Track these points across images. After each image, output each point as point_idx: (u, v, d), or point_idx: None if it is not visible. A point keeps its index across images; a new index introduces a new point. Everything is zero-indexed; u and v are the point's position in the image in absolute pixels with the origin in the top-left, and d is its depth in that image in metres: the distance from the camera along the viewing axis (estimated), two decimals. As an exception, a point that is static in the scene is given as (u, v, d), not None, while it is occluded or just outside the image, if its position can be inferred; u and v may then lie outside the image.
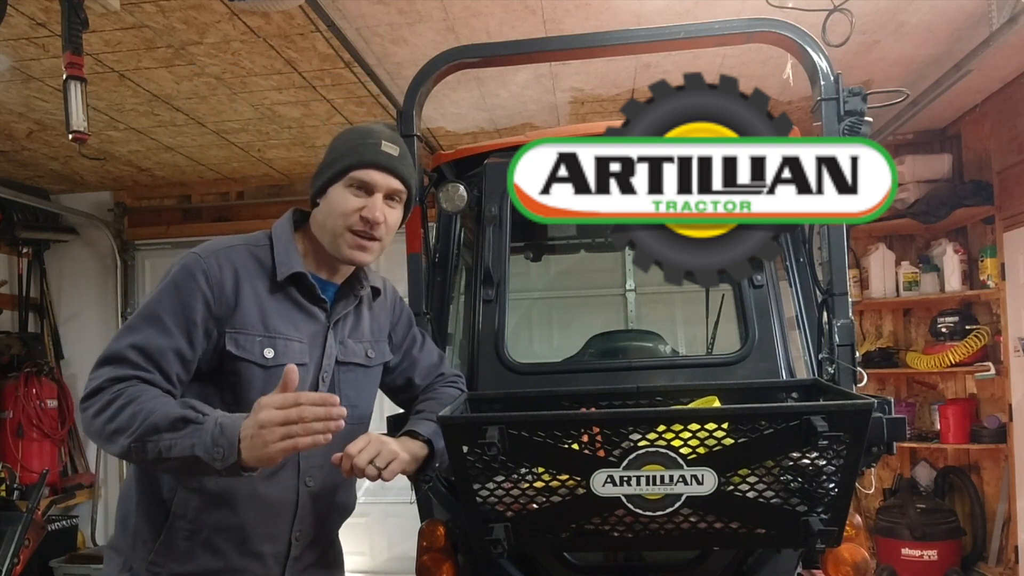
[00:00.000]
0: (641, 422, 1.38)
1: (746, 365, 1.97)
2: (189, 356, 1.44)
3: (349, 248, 1.53)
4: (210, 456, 1.28)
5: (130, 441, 1.32)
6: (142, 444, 1.31)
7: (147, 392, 1.37)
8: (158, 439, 1.30)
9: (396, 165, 1.55)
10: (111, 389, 1.37)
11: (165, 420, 1.31)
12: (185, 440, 1.29)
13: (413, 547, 2.03)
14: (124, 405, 1.34)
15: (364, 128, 1.59)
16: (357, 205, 1.51)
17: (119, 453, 1.36)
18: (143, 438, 1.31)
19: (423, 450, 1.55)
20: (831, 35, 2.88)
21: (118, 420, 1.33)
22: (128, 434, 1.32)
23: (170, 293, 1.45)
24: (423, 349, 1.83)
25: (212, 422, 1.30)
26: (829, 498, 1.40)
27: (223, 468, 1.29)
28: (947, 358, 4.54)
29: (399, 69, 3.68)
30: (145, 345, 1.40)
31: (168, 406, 1.33)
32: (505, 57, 2.17)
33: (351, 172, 1.52)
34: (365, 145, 1.53)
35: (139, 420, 1.31)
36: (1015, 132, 4.18)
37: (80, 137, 2.32)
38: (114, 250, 5.76)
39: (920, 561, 4.44)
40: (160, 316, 1.42)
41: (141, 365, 1.40)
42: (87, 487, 5.50)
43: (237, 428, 1.28)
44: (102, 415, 1.35)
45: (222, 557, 1.48)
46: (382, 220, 1.53)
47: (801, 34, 1.89)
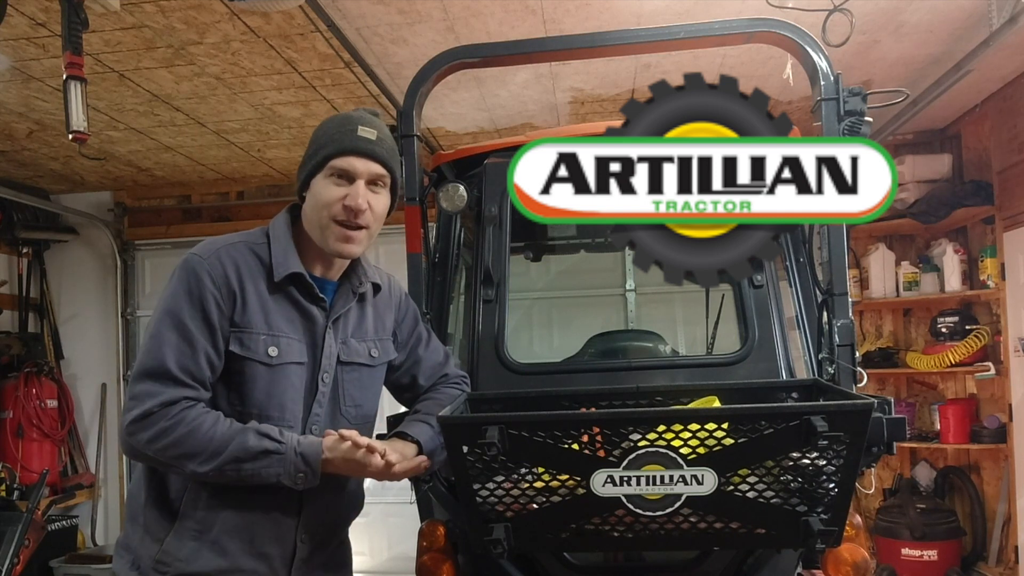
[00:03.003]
0: (641, 422, 1.38)
1: (746, 365, 1.97)
2: (216, 361, 1.46)
3: (336, 241, 1.51)
4: (292, 482, 1.42)
5: (207, 468, 1.38)
6: (220, 472, 1.39)
7: (207, 416, 1.41)
8: (239, 468, 1.39)
9: (375, 149, 1.52)
10: (167, 414, 1.39)
11: (246, 452, 1.39)
12: (269, 470, 1.41)
13: (413, 547, 2.03)
14: (189, 432, 1.39)
15: (341, 116, 1.57)
16: (339, 194, 1.50)
17: (187, 474, 1.43)
18: (223, 467, 1.39)
19: (413, 451, 1.56)
20: (831, 35, 2.88)
21: (184, 447, 1.39)
22: (201, 461, 1.38)
23: (186, 299, 1.45)
24: (428, 347, 1.81)
25: (292, 451, 1.41)
26: (829, 498, 1.40)
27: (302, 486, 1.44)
28: (947, 358, 4.54)
29: (399, 69, 3.68)
30: (181, 357, 1.42)
31: (243, 435, 1.40)
32: (505, 57, 2.17)
33: (330, 161, 1.50)
34: (342, 132, 1.51)
35: (212, 448, 1.39)
36: (1015, 132, 4.18)
37: (80, 137, 2.32)
38: (114, 250, 5.76)
39: (920, 561, 4.44)
40: (184, 323, 1.43)
41: (185, 381, 1.42)
42: (87, 487, 5.50)
43: (318, 455, 1.43)
44: (162, 440, 1.39)
45: (229, 557, 1.48)
46: (365, 207, 1.50)
47: (801, 34, 1.89)
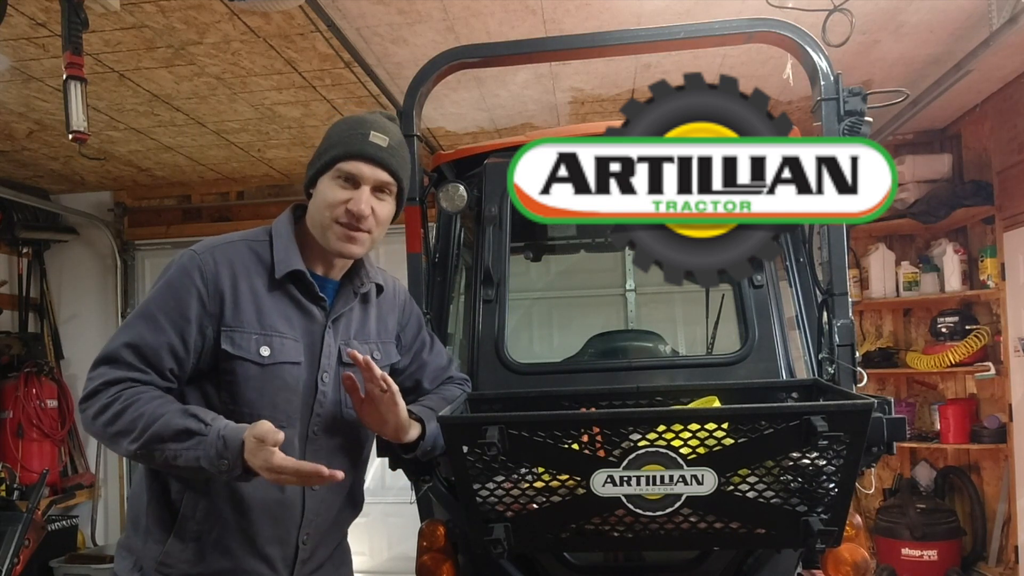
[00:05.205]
0: (641, 422, 1.38)
1: (746, 365, 1.97)
2: (182, 353, 1.44)
3: (337, 240, 1.50)
4: (215, 468, 1.33)
5: (135, 447, 1.36)
6: (148, 451, 1.36)
7: (144, 395, 1.39)
8: (163, 448, 1.35)
9: (384, 157, 1.51)
10: (108, 392, 1.39)
11: (168, 430, 1.35)
12: (190, 452, 1.34)
13: (413, 547, 2.03)
14: (123, 409, 1.37)
15: (357, 118, 1.56)
16: (343, 197, 1.49)
17: (124, 454, 1.42)
18: (148, 446, 1.36)
19: (415, 428, 1.56)
20: (831, 35, 2.88)
21: (119, 423, 1.37)
22: (131, 439, 1.36)
23: (165, 291, 1.46)
24: (432, 351, 1.81)
25: (215, 434, 1.34)
26: (829, 498, 1.40)
27: (229, 478, 1.35)
28: (947, 358, 4.54)
29: (399, 69, 3.68)
30: (139, 343, 1.42)
31: (170, 414, 1.36)
32: (505, 57, 2.17)
33: (338, 163, 1.50)
34: (354, 136, 1.51)
35: (140, 426, 1.35)
36: (1015, 132, 4.18)
37: (80, 137, 2.31)
38: (114, 250, 5.75)
39: (920, 561, 4.44)
40: (154, 314, 1.44)
41: (135, 365, 1.41)
42: (87, 487, 5.50)
43: (239, 440, 1.32)
44: (101, 417, 1.39)
45: (232, 558, 1.48)
46: (368, 214, 1.50)
47: (801, 34, 1.89)
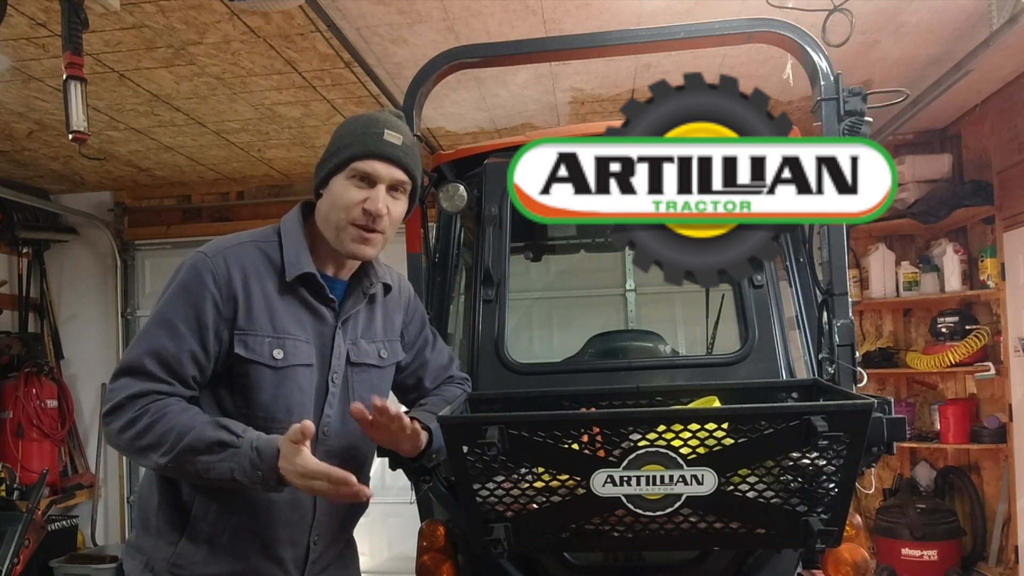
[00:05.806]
0: (641, 422, 1.38)
1: (746, 365, 1.97)
2: (203, 360, 1.44)
3: (352, 242, 1.49)
4: (250, 480, 1.34)
5: (166, 460, 1.35)
6: (179, 464, 1.35)
7: (172, 407, 1.38)
8: (195, 461, 1.35)
9: (400, 155, 1.50)
10: (134, 405, 1.38)
11: (200, 443, 1.34)
12: (223, 464, 1.34)
13: (413, 547, 2.03)
14: (152, 423, 1.36)
15: (368, 117, 1.55)
16: (359, 197, 1.48)
17: (153, 467, 1.40)
18: (179, 459, 1.35)
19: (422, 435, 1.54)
20: (831, 35, 2.88)
21: (148, 437, 1.36)
22: (161, 453, 1.35)
23: (180, 296, 1.44)
24: (435, 350, 1.81)
25: (248, 445, 1.34)
26: (829, 498, 1.40)
27: (265, 489, 1.35)
28: (947, 358, 4.53)
29: (399, 69, 3.68)
30: (161, 352, 1.41)
31: (201, 426, 1.36)
32: (505, 57, 2.18)
33: (353, 163, 1.48)
34: (368, 135, 1.49)
35: (171, 439, 1.35)
36: (1015, 132, 4.18)
37: (80, 137, 2.32)
38: (114, 250, 5.75)
39: (920, 561, 4.44)
40: (172, 321, 1.42)
41: (158, 375, 1.40)
42: (87, 487, 5.49)
43: (274, 452, 1.33)
44: (128, 431, 1.37)
45: (244, 559, 1.48)
46: (385, 213, 1.49)
47: (801, 34, 1.89)
